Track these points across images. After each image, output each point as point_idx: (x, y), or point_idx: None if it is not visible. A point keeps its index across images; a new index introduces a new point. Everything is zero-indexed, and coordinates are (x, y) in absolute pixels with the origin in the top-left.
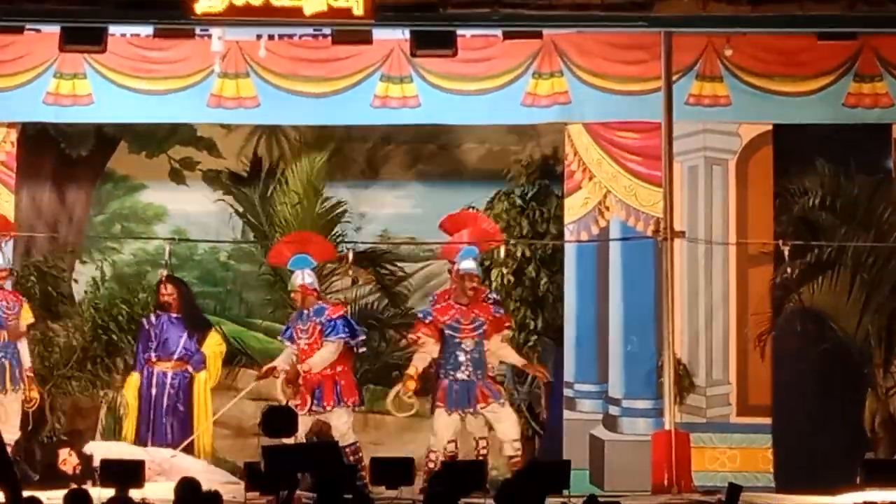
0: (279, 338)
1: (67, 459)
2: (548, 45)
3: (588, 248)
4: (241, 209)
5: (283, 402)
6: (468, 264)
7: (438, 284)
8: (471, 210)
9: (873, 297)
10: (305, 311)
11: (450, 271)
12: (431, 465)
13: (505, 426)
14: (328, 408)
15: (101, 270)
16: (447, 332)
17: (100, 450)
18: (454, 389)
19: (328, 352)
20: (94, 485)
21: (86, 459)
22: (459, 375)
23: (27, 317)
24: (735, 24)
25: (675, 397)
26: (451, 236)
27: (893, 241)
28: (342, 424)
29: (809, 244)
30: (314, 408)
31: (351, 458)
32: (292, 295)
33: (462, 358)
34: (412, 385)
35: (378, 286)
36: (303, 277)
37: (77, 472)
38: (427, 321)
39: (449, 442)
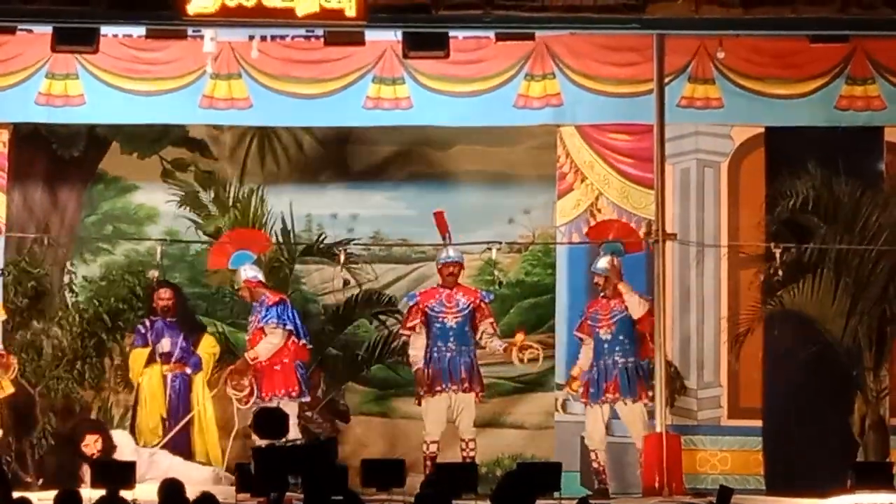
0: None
1: (91, 445)
2: (540, 47)
3: (580, 251)
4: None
5: (222, 391)
6: (601, 264)
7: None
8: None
9: (863, 299)
10: (255, 304)
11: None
12: (595, 465)
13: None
14: (266, 398)
15: (91, 271)
16: (590, 323)
17: (125, 443)
18: (592, 381)
19: (272, 338)
20: None
21: (109, 450)
22: (595, 365)
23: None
24: (727, 27)
25: (666, 399)
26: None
27: (884, 244)
28: None
29: (800, 247)
30: (256, 399)
31: None
32: (240, 293)
33: (599, 348)
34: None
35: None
36: (245, 273)
37: (95, 458)
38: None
39: (432, 442)
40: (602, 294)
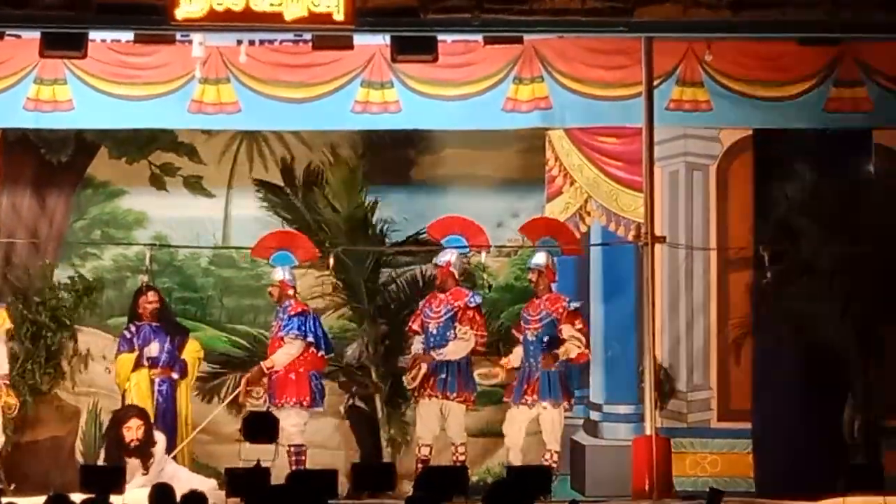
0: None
1: (133, 429)
2: (528, 51)
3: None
4: (289, 217)
5: (243, 401)
6: (538, 259)
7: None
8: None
9: (852, 302)
10: (279, 309)
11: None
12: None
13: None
14: (278, 404)
15: (69, 274)
16: (522, 324)
17: (160, 447)
18: (518, 382)
19: (290, 348)
20: (146, 469)
21: (148, 442)
22: (522, 366)
23: (3, 322)
24: (716, 30)
25: (655, 402)
26: (440, 240)
27: (872, 247)
28: (289, 425)
29: (789, 249)
30: (269, 406)
31: (293, 458)
32: (270, 289)
33: (526, 349)
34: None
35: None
36: (283, 273)
37: (132, 444)
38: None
39: (424, 445)
40: (534, 293)
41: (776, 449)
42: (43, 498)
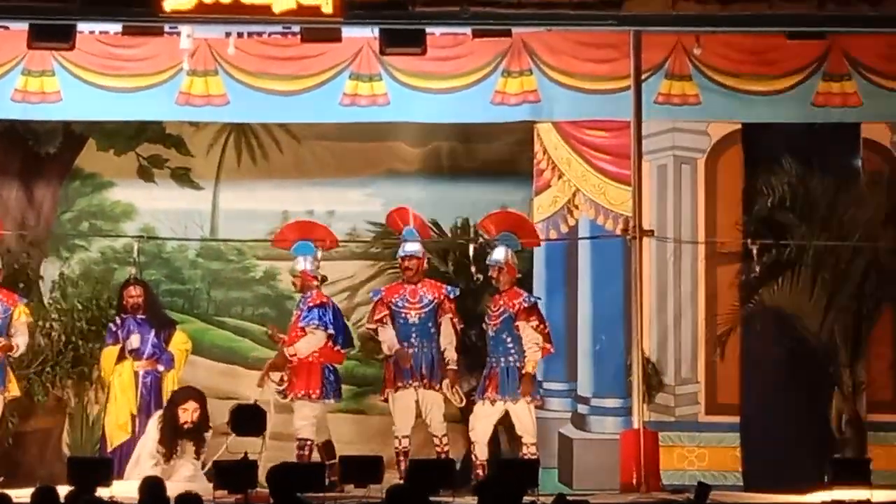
0: None
1: (189, 411)
2: (517, 44)
3: (557, 247)
4: None
5: (261, 385)
6: (497, 255)
7: None
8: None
9: (838, 296)
10: (300, 300)
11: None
12: (472, 457)
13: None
14: (288, 395)
15: (69, 269)
16: (486, 320)
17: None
18: (482, 378)
19: (312, 339)
20: (198, 454)
21: (202, 425)
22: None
23: (22, 317)
24: (704, 23)
25: (643, 396)
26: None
27: (859, 241)
28: (299, 418)
29: (777, 243)
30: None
31: (296, 452)
32: (293, 280)
33: (488, 344)
34: None
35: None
36: (304, 263)
37: (185, 426)
38: None
39: (403, 437)
40: (497, 288)
41: (763, 443)
42: (30, 490)
